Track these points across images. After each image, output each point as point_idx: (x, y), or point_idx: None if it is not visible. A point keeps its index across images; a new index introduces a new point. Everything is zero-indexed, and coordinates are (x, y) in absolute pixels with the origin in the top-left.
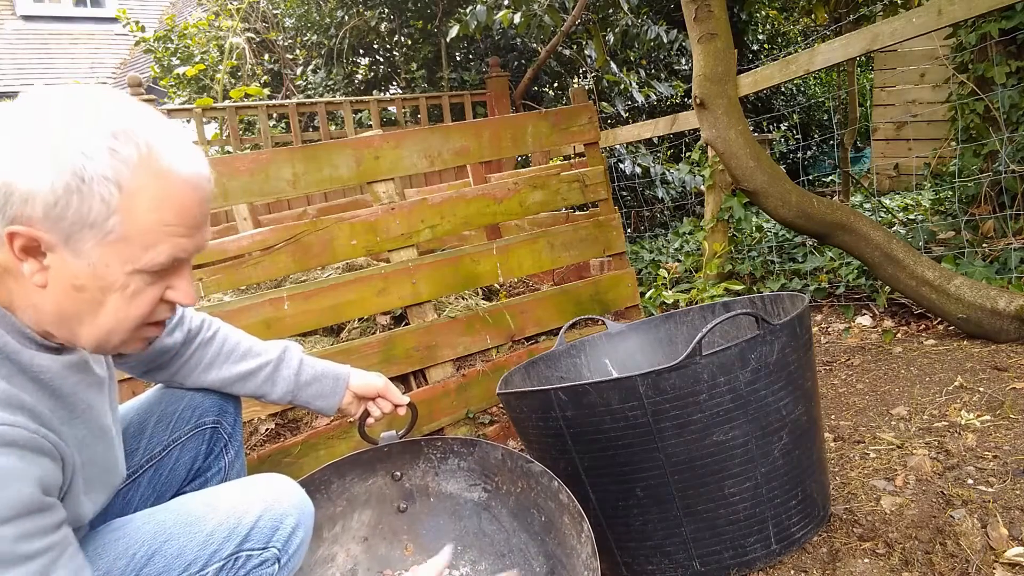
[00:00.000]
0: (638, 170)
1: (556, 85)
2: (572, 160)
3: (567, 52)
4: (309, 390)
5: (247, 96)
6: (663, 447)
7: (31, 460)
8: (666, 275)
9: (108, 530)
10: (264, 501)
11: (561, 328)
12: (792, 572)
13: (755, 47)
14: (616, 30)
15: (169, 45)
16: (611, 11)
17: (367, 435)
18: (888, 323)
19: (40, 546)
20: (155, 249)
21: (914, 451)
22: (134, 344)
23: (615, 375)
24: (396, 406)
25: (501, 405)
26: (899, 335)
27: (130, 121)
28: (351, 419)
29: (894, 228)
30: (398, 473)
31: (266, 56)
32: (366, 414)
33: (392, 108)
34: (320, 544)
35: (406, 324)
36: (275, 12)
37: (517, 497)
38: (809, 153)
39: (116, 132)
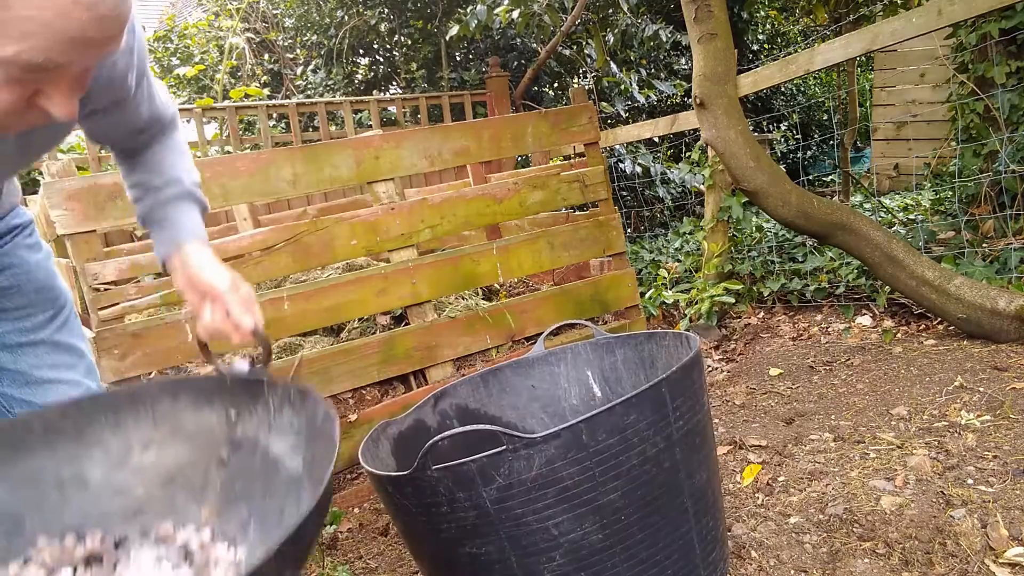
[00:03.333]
0: (638, 170)
1: (556, 85)
2: (572, 160)
3: (567, 52)
4: (157, 228)
5: (247, 96)
6: (427, 546)
7: None
8: (666, 275)
9: None
10: None
11: (560, 329)
12: (792, 572)
13: (755, 47)
14: (616, 30)
15: (169, 45)
16: (611, 11)
17: (208, 350)
18: (888, 323)
19: None
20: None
21: (914, 451)
22: None
23: (597, 393)
24: (236, 328)
25: None
26: (899, 335)
27: None
28: (190, 312)
29: (894, 228)
30: (234, 413)
31: (266, 56)
32: (199, 324)
33: (392, 108)
34: (121, 469)
35: (406, 324)
36: (275, 12)
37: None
38: (809, 153)
39: None
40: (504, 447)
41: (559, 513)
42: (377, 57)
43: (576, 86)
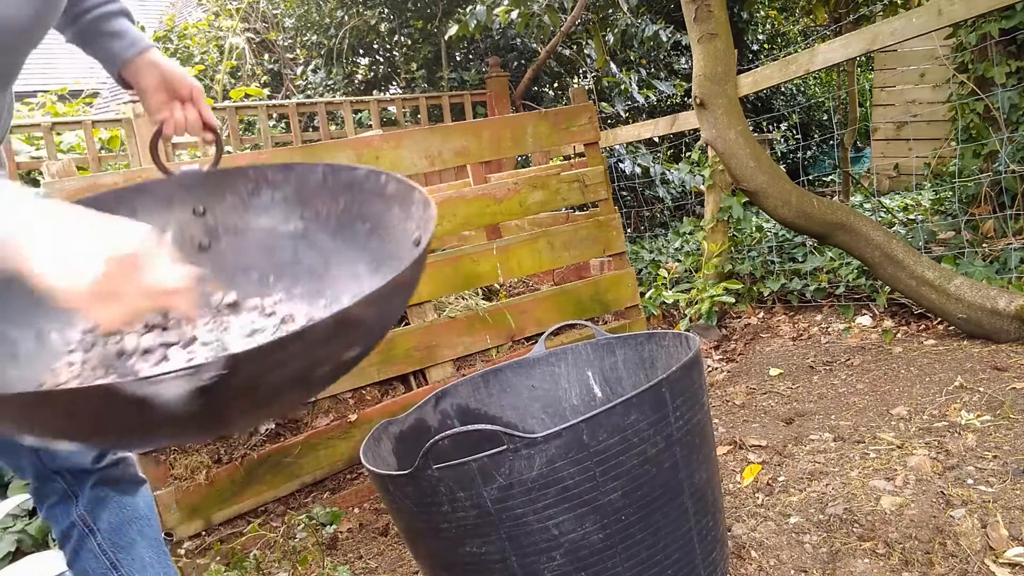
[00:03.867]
0: (638, 170)
1: (556, 85)
2: (572, 160)
3: (567, 52)
4: (107, 39)
5: (247, 96)
6: (427, 545)
7: None
8: (666, 275)
9: None
10: None
11: (560, 329)
12: (792, 572)
13: (755, 47)
14: (616, 30)
15: (169, 45)
16: (611, 11)
17: (160, 160)
18: (888, 323)
19: None
20: None
21: (914, 451)
22: None
23: (598, 393)
24: (205, 126)
25: None
26: (899, 335)
27: None
28: (153, 119)
29: (894, 228)
30: (200, 208)
31: (266, 56)
32: (167, 121)
33: (392, 108)
34: None
35: (406, 324)
36: (275, 12)
37: (338, 216)
38: (809, 153)
39: None
40: (505, 447)
41: (560, 513)
42: (377, 57)
43: (576, 86)
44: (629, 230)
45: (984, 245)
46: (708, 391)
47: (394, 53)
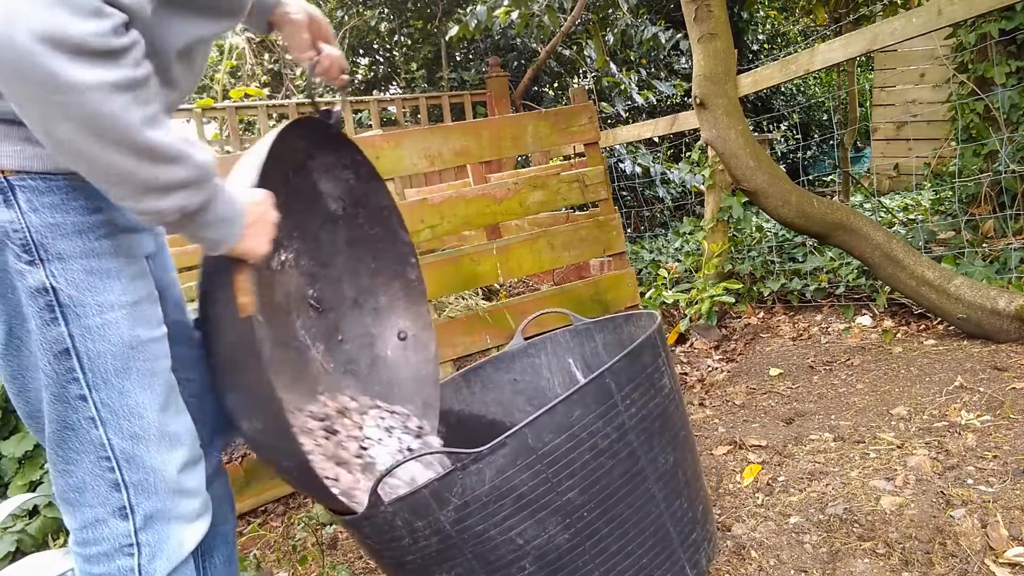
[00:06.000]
0: (638, 170)
1: (556, 85)
2: (572, 160)
3: (567, 52)
4: None
5: (247, 96)
6: None
7: None
8: (666, 275)
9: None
10: None
11: (560, 328)
12: (792, 572)
13: (755, 47)
14: (615, 30)
15: None
16: (610, 11)
17: (314, 97)
18: (888, 323)
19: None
20: None
21: (914, 451)
22: None
23: (580, 380)
24: (342, 70)
25: None
26: (899, 335)
27: None
28: (300, 57)
29: (894, 228)
30: (314, 155)
31: (266, 56)
32: (317, 62)
33: (392, 108)
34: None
35: None
36: None
37: (368, 241)
38: (809, 153)
39: None
40: (452, 467)
41: (520, 521)
42: (377, 57)
43: (576, 86)
44: (629, 230)
45: (984, 245)
46: (706, 391)
47: (394, 53)
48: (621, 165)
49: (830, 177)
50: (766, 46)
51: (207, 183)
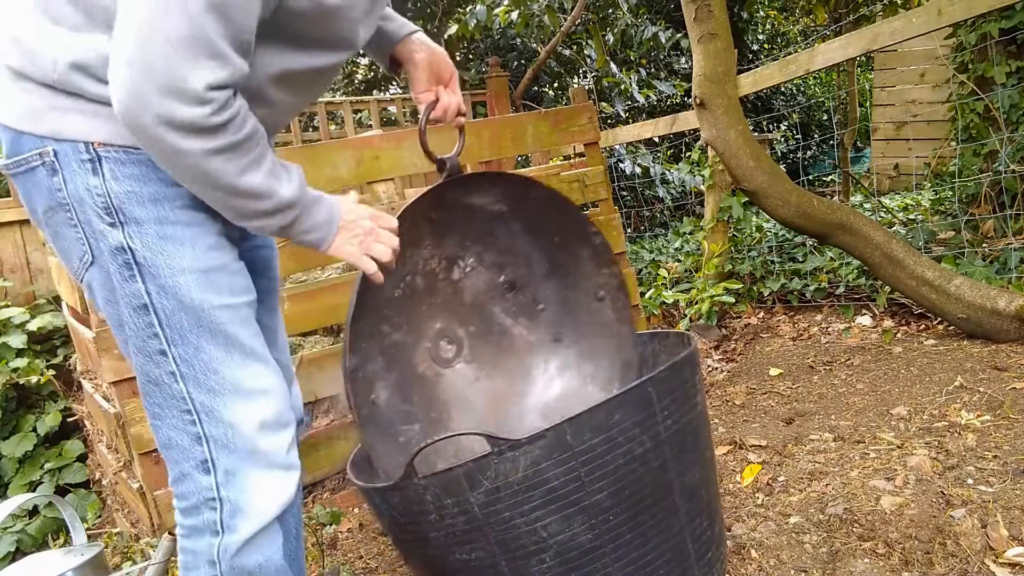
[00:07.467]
0: (638, 170)
1: (556, 85)
2: (572, 160)
3: (567, 52)
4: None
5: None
6: (418, 554)
7: None
8: (666, 275)
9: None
10: None
11: None
12: (792, 572)
13: (755, 47)
14: (615, 30)
15: None
16: (610, 11)
17: (427, 144)
18: (888, 323)
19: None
20: None
21: (914, 451)
22: None
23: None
24: (459, 113)
25: None
26: (899, 335)
27: None
28: (418, 98)
29: (894, 228)
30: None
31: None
32: (434, 104)
33: (392, 108)
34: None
35: None
36: None
37: (544, 221)
38: (809, 153)
39: None
40: (489, 451)
41: (547, 515)
42: None
43: (576, 86)
44: (629, 230)
45: (984, 245)
46: (708, 391)
47: None
48: (621, 165)
49: (830, 177)
50: (766, 46)
51: (292, 208)
